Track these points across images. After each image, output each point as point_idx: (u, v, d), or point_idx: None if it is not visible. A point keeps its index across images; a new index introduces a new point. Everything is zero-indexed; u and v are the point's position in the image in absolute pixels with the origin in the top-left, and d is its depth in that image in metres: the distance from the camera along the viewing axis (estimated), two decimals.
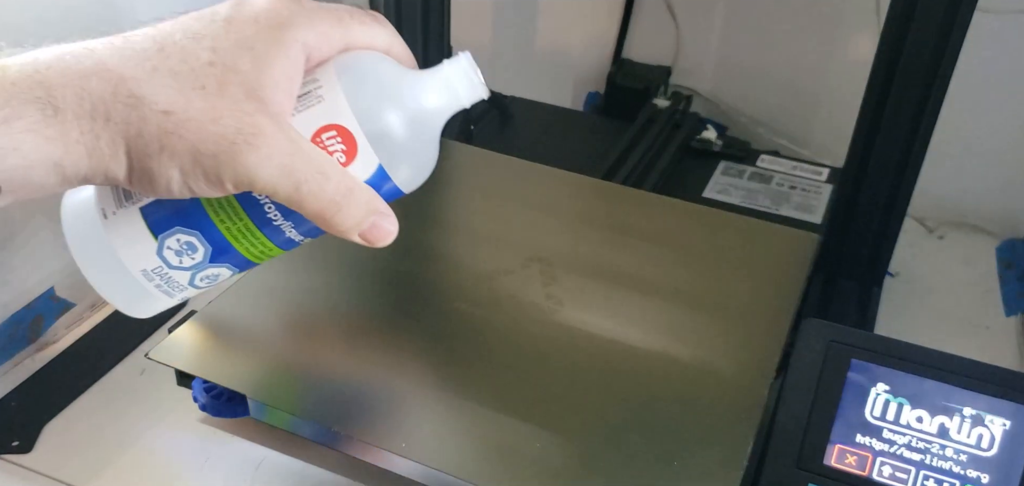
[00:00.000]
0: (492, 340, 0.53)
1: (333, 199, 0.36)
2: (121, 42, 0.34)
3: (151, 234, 0.38)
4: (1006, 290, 0.75)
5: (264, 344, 0.53)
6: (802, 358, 0.47)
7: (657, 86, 0.94)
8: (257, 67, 0.34)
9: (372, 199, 0.38)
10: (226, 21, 0.35)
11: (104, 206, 0.38)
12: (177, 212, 0.38)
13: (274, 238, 0.40)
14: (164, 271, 0.39)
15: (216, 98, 0.33)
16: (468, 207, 0.66)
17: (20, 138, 0.31)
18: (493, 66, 0.95)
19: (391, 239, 0.39)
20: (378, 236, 0.39)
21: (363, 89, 0.38)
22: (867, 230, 0.66)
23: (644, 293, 0.56)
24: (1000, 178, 0.83)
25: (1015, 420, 0.43)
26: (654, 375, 0.50)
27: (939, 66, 0.58)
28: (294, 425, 0.50)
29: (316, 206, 0.36)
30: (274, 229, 0.39)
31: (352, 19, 0.39)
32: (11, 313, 0.62)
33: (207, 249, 0.39)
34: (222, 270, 0.41)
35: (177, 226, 0.38)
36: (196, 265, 0.40)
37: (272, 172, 0.34)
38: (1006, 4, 0.76)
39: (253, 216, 0.39)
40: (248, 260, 0.41)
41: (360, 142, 0.38)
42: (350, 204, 0.37)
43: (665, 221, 0.64)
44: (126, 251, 0.39)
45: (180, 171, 0.33)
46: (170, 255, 0.39)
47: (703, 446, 0.45)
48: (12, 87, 0.31)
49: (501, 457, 0.45)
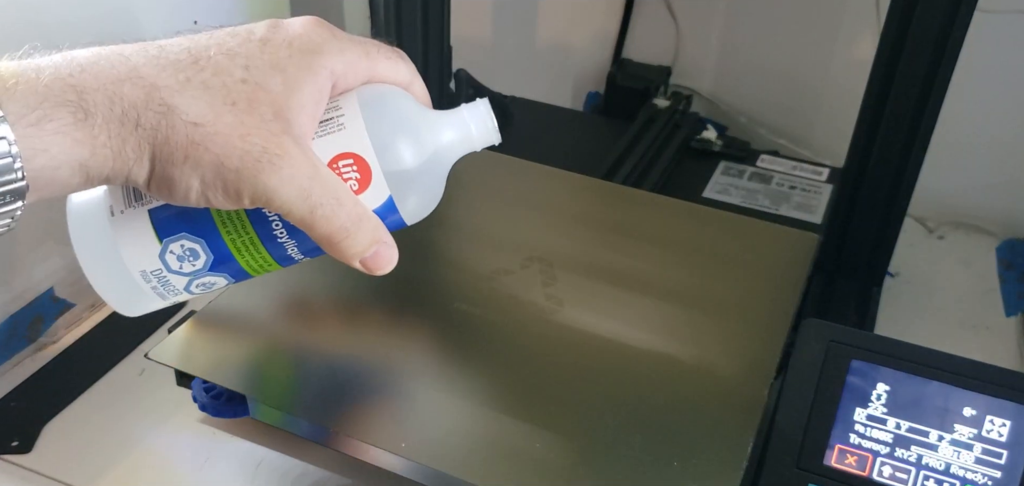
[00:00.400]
0: (492, 340, 0.53)
1: (343, 225, 0.37)
2: (156, 51, 0.35)
3: (156, 237, 0.39)
4: (1006, 290, 0.75)
5: (264, 344, 0.53)
6: (802, 358, 0.47)
7: (657, 86, 0.94)
8: (287, 89, 0.36)
9: (378, 228, 0.39)
10: (261, 41, 0.36)
11: (113, 204, 0.39)
12: (185, 218, 0.39)
13: (275, 254, 0.41)
14: (162, 274, 0.40)
15: (245, 115, 0.34)
16: (468, 207, 0.66)
17: (50, 140, 0.31)
18: (493, 66, 0.95)
19: (391, 268, 0.41)
20: (379, 264, 0.40)
21: (384, 122, 0.39)
22: (867, 230, 0.66)
23: (644, 293, 0.56)
24: (1000, 178, 0.83)
25: (1015, 420, 0.43)
26: (654, 375, 0.50)
27: (939, 66, 0.58)
28: (294, 425, 0.50)
29: (326, 230, 0.37)
30: (277, 246, 0.40)
31: (379, 53, 0.41)
32: (11, 313, 0.62)
33: (209, 257, 0.40)
34: (219, 279, 0.41)
35: (183, 232, 0.39)
36: (195, 271, 0.40)
37: (291, 193, 0.35)
38: (1006, 4, 0.76)
39: (260, 231, 0.39)
40: (245, 272, 0.41)
41: (375, 173, 0.39)
42: (358, 231, 0.38)
43: (665, 221, 0.64)
44: (129, 250, 0.39)
45: (201, 181, 0.34)
46: (172, 259, 0.39)
47: (703, 446, 0.45)
48: (45, 89, 0.32)
49: (501, 457, 0.45)
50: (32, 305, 0.63)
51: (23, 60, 0.33)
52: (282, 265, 0.42)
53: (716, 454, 0.45)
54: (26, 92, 0.31)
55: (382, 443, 0.46)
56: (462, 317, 0.54)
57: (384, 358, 0.52)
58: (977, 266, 0.78)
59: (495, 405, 0.48)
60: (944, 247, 0.82)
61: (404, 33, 0.77)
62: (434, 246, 0.62)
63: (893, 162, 0.62)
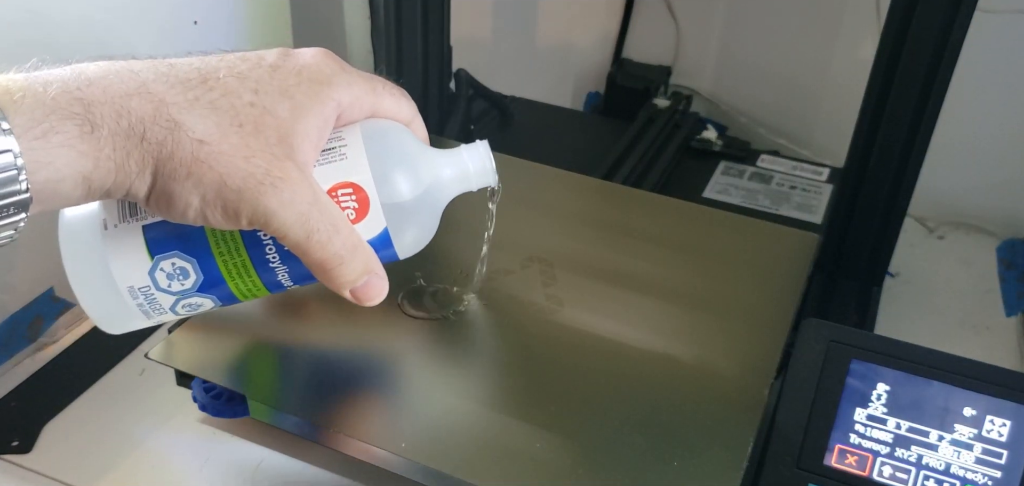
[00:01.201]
0: (492, 340, 0.53)
1: (338, 252, 0.38)
2: (166, 68, 0.35)
3: (148, 253, 0.39)
4: (1006, 290, 0.75)
5: (264, 344, 0.53)
6: (802, 358, 0.47)
7: (657, 86, 0.94)
8: (294, 116, 0.36)
9: (371, 259, 0.40)
10: (272, 67, 0.37)
11: (106, 217, 0.39)
12: (179, 237, 0.39)
13: (266, 279, 0.41)
14: (150, 291, 0.40)
15: (251, 137, 0.35)
16: (468, 207, 0.66)
17: (55, 153, 0.32)
18: (493, 66, 0.95)
19: (380, 300, 0.41)
20: (369, 295, 0.41)
21: (385, 155, 0.40)
22: (867, 230, 0.66)
23: (644, 293, 0.56)
24: (1000, 178, 0.83)
25: (1015, 420, 0.43)
26: (654, 375, 0.50)
27: (939, 66, 0.58)
28: (294, 425, 0.50)
29: (321, 256, 0.38)
30: (269, 271, 0.41)
31: (384, 89, 0.42)
32: (11, 313, 0.62)
33: (199, 278, 0.40)
34: (206, 301, 0.41)
35: (176, 250, 0.39)
36: (183, 291, 0.40)
37: (290, 216, 0.36)
38: (1006, 4, 0.76)
39: (253, 255, 0.40)
40: (234, 296, 0.42)
41: (373, 204, 0.39)
42: (352, 260, 0.39)
43: (665, 221, 0.64)
44: (119, 265, 0.39)
45: (201, 199, 0.35)
46: (161, 277, 0.39)
47: (703, 446, 0.45)
48: (53, 102, 0.32)
49: (501, 457, 0.45)
50: (32, 305, 0.63)
51: (30, 73, 0.33)
52: (271, 291, 0.42)
53: (716, 454, 0.45)
54: (33, 105, 0.31)
55: (382, 443, 0.46)
56: (462, 317, 0.54)
57: (384, 358, 0.52)
58: (977, 266, 0.78)
59: (495, 405, 0.48)
60: (944, 247, 0.82)
61: (404, 33, 0.77)
62: (434, 246, 0.62)
63: (893, 162, 0.62)
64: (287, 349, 0.53)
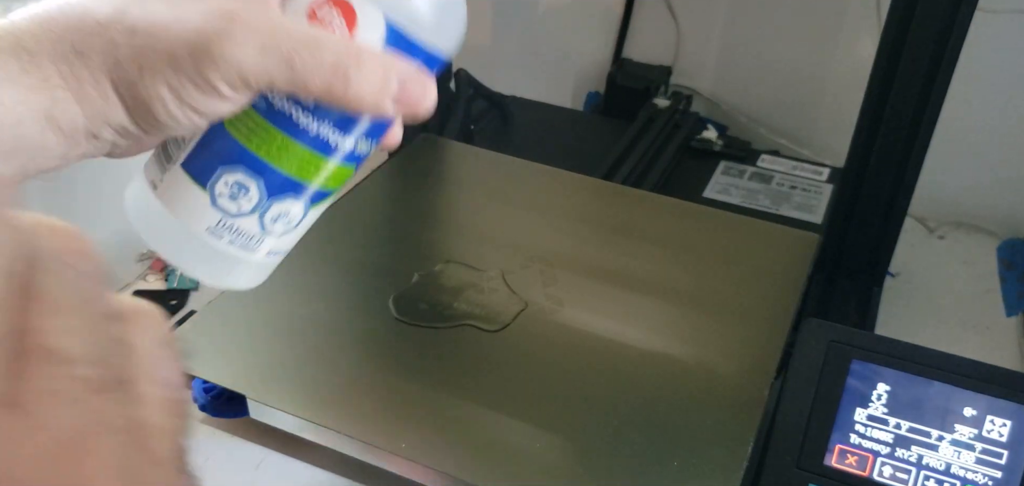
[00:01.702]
0: (492, 340, 0.53)
1: (335, 64, 0.33)
2: None
3: (199, 186, 0.36)
4: (1006, 290, 0.75)
5: (264, 344, 0.53)
6: (802, 358, 0.47)
7: (657, 86, 0.94)
8: None
9: (387, 59, 0.34)
10: None
11: (152, 178, 0.37)
12: (213, 152, 0.36)
13: (317, 148, 0.36)
14: (229, 222, 0.36)
15: (181, 1, 0.32)
16: (468, 207, 0.66)
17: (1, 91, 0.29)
18: (493, 66, 0.95)
19: (430, 100, 0.35)
20: (412, 98, 0.34)
21: None
22: (867, 230, 0.66)
23: (644, 293, 0.56)
24: (1000, 178, 0.83)
25: (1016, 420, 0.43)
26: (654, 375, 0.50)
27: (939, 66, 0.58)
28: (293, 425, 0.50)
29: (320, 80, 0.33)
30: (306, 134, 0.36)
31: None
32: None
33: (258, 182, 0.36)
34: (287, 205, 0.37)
35: (219, 167, 0.36)
36: (256, 205, 0.36)
37: (254, 55, 0.32)
38: (1006, 4, 0.76)
39: (282, 126, 0.35)
40: (304, 184, 0.37)
41: (357, 3, 0.34)
42: (360, 68, 0.33)
43: (665, 221, 0.64)
44: (184, 213, 0.36)
45: (168, 87, 0.32)
46: (226, 202, 0.36)
47: (703, 446, 0.45)
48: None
49: (501, 457, 0.45)
50: None
51: None
52: (337, 160, 0.37)
53: (716, 454, 0.45)
54: None
55: (382, 443, 0.46)
56: (462, 317, 0.54)
57: (384, 358, 0.52)
58: (978, 266, 0.78)
59: (495, 405, 0.48)
60: (944, 247, 0.82)
61: None
62: (435, 246, 0.62)
63: (893, 162, 0.62)
64: (287, 350, 0.53)
